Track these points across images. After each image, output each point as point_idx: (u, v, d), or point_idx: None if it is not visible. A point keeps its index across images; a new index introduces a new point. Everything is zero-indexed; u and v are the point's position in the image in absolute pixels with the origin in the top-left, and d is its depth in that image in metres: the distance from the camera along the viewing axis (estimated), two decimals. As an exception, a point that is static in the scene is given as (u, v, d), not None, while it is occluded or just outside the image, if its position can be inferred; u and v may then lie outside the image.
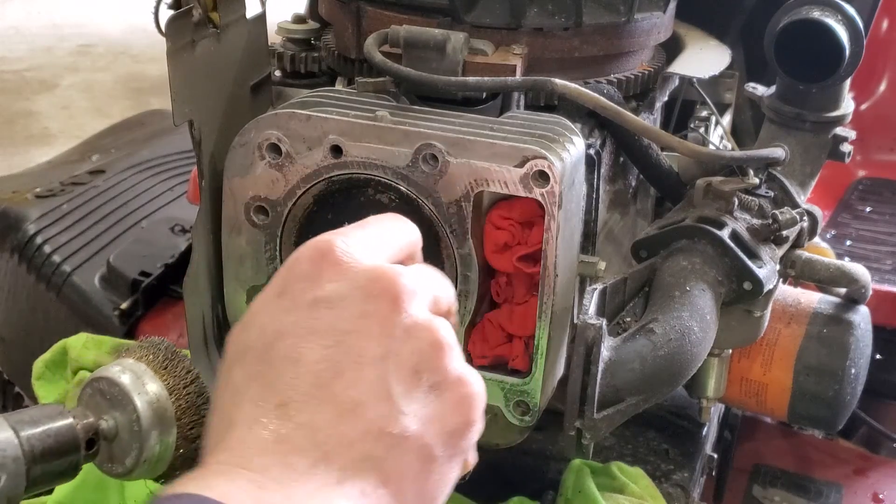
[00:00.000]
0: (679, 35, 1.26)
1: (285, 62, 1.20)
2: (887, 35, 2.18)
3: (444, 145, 0.87)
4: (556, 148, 0.88)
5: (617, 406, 0.92)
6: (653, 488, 1.08)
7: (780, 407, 1.18)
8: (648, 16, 1.11)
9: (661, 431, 1.23)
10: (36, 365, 1.33)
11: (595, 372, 0.89)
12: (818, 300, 1.19)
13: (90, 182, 2.04)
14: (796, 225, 1.07)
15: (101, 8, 5.43)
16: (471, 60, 0.98)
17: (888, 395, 1.70)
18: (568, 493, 1.04)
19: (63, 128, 4.04)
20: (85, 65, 4.79)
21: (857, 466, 1.52)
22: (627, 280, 1.03)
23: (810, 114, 1.16)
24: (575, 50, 1.07)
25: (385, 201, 0.92)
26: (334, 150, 0.90)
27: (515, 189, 0.86)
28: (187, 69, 0.98)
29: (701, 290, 0.99)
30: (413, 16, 1.05)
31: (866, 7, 1.17)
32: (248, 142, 0.93)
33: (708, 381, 1.16)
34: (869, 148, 2.14)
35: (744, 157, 1.11)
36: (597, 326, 0.89)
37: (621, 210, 1.18)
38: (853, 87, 1.20)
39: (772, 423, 1.58)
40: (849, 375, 1.14)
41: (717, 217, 1.05)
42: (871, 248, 1.85)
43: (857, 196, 2.08)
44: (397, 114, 0.92)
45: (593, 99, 0.98)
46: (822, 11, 1.10)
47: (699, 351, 0.97)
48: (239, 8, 1.05)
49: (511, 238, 0.91)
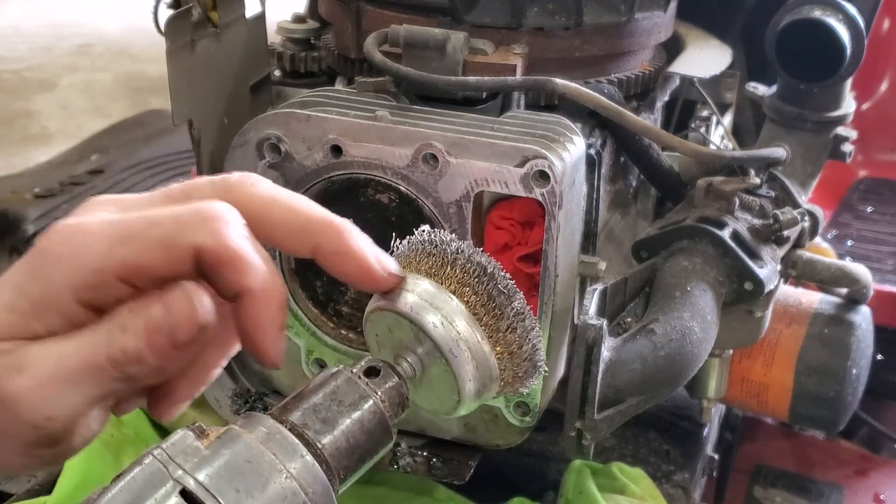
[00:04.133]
0: (680, 35, 1.25)
1: (285, 62, 1.19)
2: (889, 35, 2.18)
3: (444, 145, 0.87)
4: (557, 148, 0.88)
5: (617, 407, 0.92)
6: (653, 489, 1.08)
7: (781, 407, 1.18)
8: (649, 15, 1.11)
9: (662, 432, 1.23)
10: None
11: (595, 372, 0.89)
12: (819, 300, 1.19)
13: (89, 182, 2.03)
14: (797, 225, 1.06)
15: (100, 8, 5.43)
16: (471, 60, 0.98)
17: (889, 395, 1.70)
18: (568, 494, 1.04)
19: (62, 127, 4.04)
20: (84, 64, 4.78)
21: (858, 467, 1.52)
22: (628, 280, 1.03)
23: (811, 113, 1.16)
24: (575, 49, 1.07)
25: (385, 201, 0.92)
26: (334, 149, 0.90)
27: (515, 189, 0.86)
28: (187, 69, 0.98)
29: (702, 291, 0.99)
30: (413, 15, 1.05)
31: (867, 7, 1.17)
32: (248, 142, 0.92)
33: (709, 381, 1.16)
34: (870, 148, 2.14)
35: (745, 156, 1.11)
36: (597, 327, 0.89)
37: (622, 210, 1.18)
38: (854, 87, 1.20)
39: (773, 424, 1.58)
40: (850, 376, 1.14)
41: (718, 217, 1.05)
42: (872, 249, 1.85)
43: (859, 196, 2.08)
44: (397, 114, 0.92)
45: (594, 99, 0.98)
46: (824, 11, 1.09)
47: (700, 351, 0.97)
48: (238, 7, 1.05)
49: (511, 238, 0.91)
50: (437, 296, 0.61)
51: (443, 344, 0.60)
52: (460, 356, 0.60)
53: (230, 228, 0.55)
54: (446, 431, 1.01)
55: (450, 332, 0.60)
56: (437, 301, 0.60)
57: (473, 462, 1.03)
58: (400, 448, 1.06)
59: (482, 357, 0.61)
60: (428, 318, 0.60)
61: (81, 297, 0.54)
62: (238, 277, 0.55)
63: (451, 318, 0.60)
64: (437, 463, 1.04)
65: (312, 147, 0.90)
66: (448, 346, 0.60)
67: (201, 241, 0.54)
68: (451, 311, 0.60)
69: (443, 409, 0.63)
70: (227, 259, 0.54)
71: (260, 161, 0.92)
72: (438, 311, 0.60)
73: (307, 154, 0.91)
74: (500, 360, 0.62)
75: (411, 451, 1.05)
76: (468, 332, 0.60)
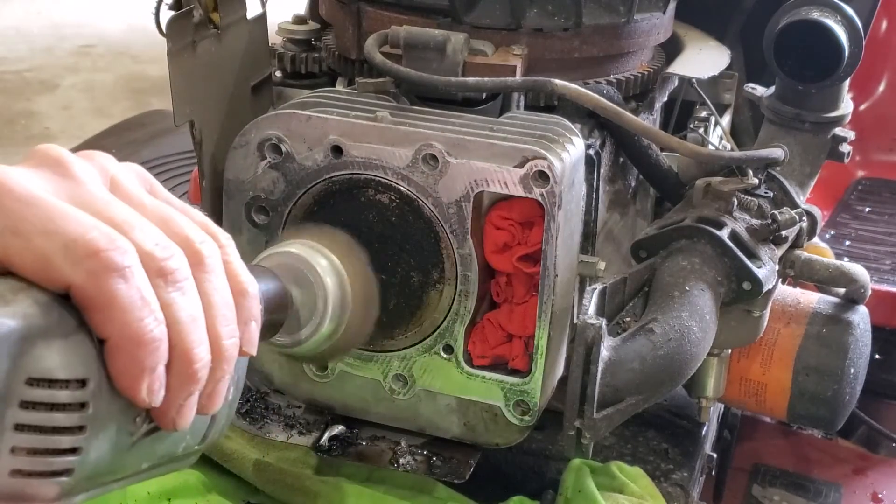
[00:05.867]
0: (678, 36, 1.26)
1: (286, 63, 1.20)
2: (886, 35, 2.18)
3: (444, 146, 0.87)
4: (556, 148, 0.88)
5: (616, 406, 0.92)
6: (652, 488, 1.08)
7: (779, 407, 1.18)
8: (648, 16, 1.11)
9: (661, 431, 1.23)
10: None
11: (595, 372, 0.89)
12: (817, 300, 1.19)
13: (91, 182, 2.03)
14: (795, 225, 1.07)
15: (101, 8, 5.43)
16: (471, 61, 0.98)
17: (887, 394, 1.70)
18: (568, 493, 1.04)
19: (63, 128, 4.04)
20: (85, 65, 4.79)
21: (856, 466, 1.52)
22: (627, 280, 1.03)
23: (809, 114, 1.16)
24: (575, 50, 1.07)
25: (385, 201, 0.93)
26: (335, 150, 0.90)
27: (515, 189, 0.87)
28: (188, 70, 0.98)
29: (700, 290, 1.00)
30: (413, 16, 1.06)
31: (865, 7, 1.17)
32: (249, 142, 0.93)
33: (707, 380, 1.17)
34: (868, 148, 2.14)
35: (743, 157, 1.11)
36: (596, 326, 0.89)
37: (621, 210, 1.18)
38: (852, 88, 1.20)
39: (771, 423, 1.58)
40: (848, 375, 1.14)
41: (717, 217, 1.06)
42: (870, 249, 1.85)
43: (857, 196, 2.08)
44: (397, 114, 0.92)
45: (593, 99, 0.98)
46: (822, 12, 1.10)
47: (698, 351, 0.98)
48: (239, 8, 1.06)
49: (511, 238, 0.92)
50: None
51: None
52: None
53: (109, 272, 0.51)
54: (446, 430, 1.01)
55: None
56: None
57: (473, 461, 1.04)
58: (400, 447, 1.06)
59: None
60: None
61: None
62: (98, 321, 0.52)
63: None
64: (437, 461, 1.04)
65: (313, 147, 0.91)
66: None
67: (73, 278, 0.51)
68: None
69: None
70: (90, 303, 0.52)
71: (261, 161, 0.93)
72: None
73: (308, 154, 0.91)
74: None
75: (411, 450, 1.06)
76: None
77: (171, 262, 0.54)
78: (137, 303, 0.52)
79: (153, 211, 0.56)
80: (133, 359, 0.52)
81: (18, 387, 0.49)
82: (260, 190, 0.94)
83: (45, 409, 0.50)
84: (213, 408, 0.58)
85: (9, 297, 0.50)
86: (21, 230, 0.51)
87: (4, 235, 0.51)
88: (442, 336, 0.95)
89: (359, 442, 1.08)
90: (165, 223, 0.56)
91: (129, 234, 0.53)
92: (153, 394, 0.53)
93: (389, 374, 0.98)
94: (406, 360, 0.97)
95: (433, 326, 0.95)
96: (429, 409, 1.00)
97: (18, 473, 0.50)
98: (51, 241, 0.51)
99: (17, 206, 0.52)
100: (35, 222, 0.51)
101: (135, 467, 0.58)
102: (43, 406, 0.50)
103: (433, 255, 0.93)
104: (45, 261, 0.51)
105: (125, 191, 0.57)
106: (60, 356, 0.51)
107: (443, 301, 0.94)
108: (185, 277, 0.55)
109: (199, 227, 0.58)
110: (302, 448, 1.06)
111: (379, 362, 0.98)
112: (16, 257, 0.51)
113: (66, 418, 0.51)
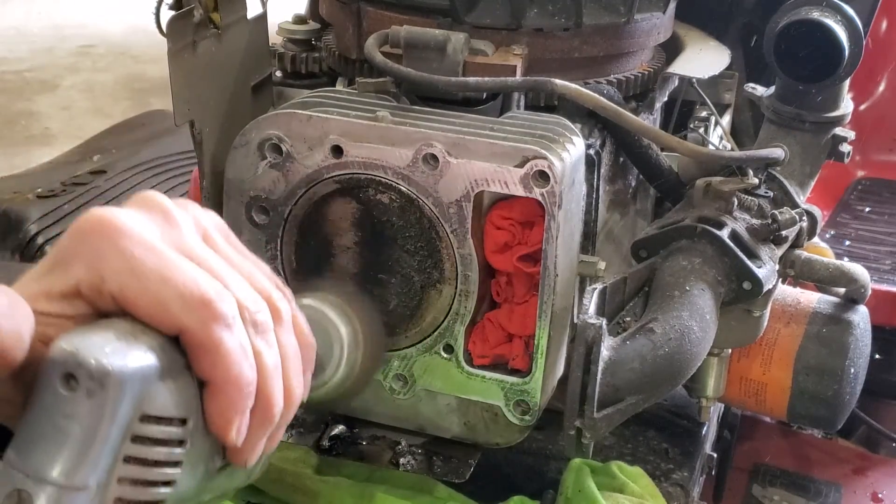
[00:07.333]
0: (679, 35, 1.26)
1: (286, 62, 1.20)
2: (887, 35, 2.18)
3: (444, 145, 0.87)
4: (556, 148, 0.88)
5: (617, 405, 0.92)
6: (652, 487, 1.09)
7: (779, 406, 1.18)
8: (648, 16, 1.11)
9: (661, 431, 1.24)
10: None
11: (595, 371, 0.89)
12: (817, 300, 1.19)
13: (91, 182, 2.03)
14: (795, 225, 1.07)
15: (101, 8, 5.43)
16: (471, 61, 0.98)
17: (887, 394, 1.70)
18: (568, 493, 1.04)
19: (64, 128, 4.04)
20: (86, 65, 4.78)
21: (856, 466, 1.52)
22: (627, 280, 1.03)
23: (809, 114, 1.16)
24: (575, 50, 1.07)
25: (386, 201, 0.93)
26: (335, 150, 0.90)
27: (515, 189, 0.87)
28: (188, 70, 0.98)
29: (700, 290, 1.00)
30: (413, 16, 1.06)
31: (866, 7, 1.17)
32: (249, 142, 0.93)
33: (707, 380, 1.17)
34: (868, 148, 2.14)
35: (743, 157, 1.11)
36: (597, 326, 0.89)
37: (621, 210, 1.18)
38: (852, 88, 1.20)
39: (771, 423, 1.58)
40: (848, 375, 1.14)
41: (717, 217, 1.06)
42: (870, 248, 1.85)
43: (857, 196, 2.08)
44: (398, 114, 0.92)
45: (593, 99, 0.98)
46: (822, 12, 1.10)
47: (699, 350, 0.98)
48: (240, 8, 1.06)
49: (511, 238, 0.92)
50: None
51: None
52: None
53: (218, 321, 0.56)
54: (446, 430, 1.01)
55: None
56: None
57: (473, 460, 1.04)
58: (400, 446, 1.06)
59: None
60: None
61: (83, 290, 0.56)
62: (204, 365, 0.57)
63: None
64: (438, 461, 1.04)
65: (313, 147, 0.91)
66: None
67: (187, 324, 0.56)
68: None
69: None
70: (200, 348, 0.56)
71: (261, 161, 0.93)
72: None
73: (308, 154, 0.91)
74: None
75: (411, 450, 1.06)
76: None
77: (261, 315, 0.60)
78: (239, 350, 0.57)
79: (239, 266, 0.62)
80: (231, 401, 0.58)
81: (134, 422, 0.53)
82: (260, 190, 0.94)
83: (152, 443, 0.54)
84: (272, 447, 0.64)
85: (138, 335, 0.55)
86: (139, 273, 0.56)
87: (122, 275, 0.56)
88: (442, 336, 0.95)
89: (359, 442, 1.08)
90: (250, 278, 0.61)
91: (229, 287, 0.58)
92: (240, 434, 0.59)
93: (390, 374, 0.98)
94: (406, 359, 0.97)
95: (433, 326, 0.95)
96: (429, 408, 1.00)
97: (120, 502, 0.53)
98: (168, 288, 0.56)
99: (137, 250, 0.56)
100: (153, 268, 0.56)
101: (204, 500, 0.62)
102: (150, 441, 0.54)
103: (433, 255, 0.93)
104: (162, 306, 0.56)
105: (215, 243, 0.62)
106: (173, 396, 0.55)
107: (443, 301, 0.94)
108: (270, 329, 0.61)
109: (272, 282, 0.64)
110: (302, 448, 1.07)
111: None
112: (133, 299, 0.56)
113: (168, 453, 0.55)
